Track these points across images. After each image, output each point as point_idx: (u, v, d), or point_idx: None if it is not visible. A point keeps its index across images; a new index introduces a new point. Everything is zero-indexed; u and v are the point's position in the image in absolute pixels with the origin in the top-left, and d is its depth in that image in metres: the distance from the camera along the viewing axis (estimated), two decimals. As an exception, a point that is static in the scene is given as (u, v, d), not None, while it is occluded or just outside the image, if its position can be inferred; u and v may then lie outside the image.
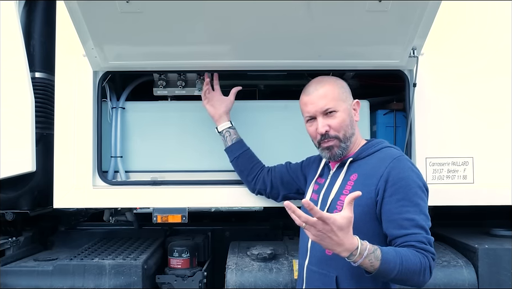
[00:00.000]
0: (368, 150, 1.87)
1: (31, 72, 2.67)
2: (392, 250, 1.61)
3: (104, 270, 2.52)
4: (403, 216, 1.66)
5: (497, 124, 2.58)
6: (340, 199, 1.78)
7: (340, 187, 1.83)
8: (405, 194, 1.69)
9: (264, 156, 2.66)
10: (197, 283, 2.75)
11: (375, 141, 1.93)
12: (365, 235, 1.68)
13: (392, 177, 1.71)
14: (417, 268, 1.59)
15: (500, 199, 2.56)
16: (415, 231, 1.64)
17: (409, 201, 1.68)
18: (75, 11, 2.04)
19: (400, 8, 2.03)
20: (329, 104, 1.85)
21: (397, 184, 1.70)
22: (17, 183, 2.68)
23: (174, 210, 2.60)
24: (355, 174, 1.82)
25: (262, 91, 3.15)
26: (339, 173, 1.88)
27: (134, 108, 2.72)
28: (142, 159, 2.69)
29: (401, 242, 1.65)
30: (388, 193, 1.70)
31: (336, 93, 1.89)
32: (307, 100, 1.92)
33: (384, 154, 1.83)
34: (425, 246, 1.63)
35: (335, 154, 1.87)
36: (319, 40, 2.25)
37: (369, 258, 1.55)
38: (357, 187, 1.77)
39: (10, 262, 2.73)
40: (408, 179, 1.72)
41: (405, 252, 1.61)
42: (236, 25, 2.15)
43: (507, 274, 2.50)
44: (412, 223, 1.65)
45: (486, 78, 2.60)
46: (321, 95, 1.87)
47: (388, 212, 1.69)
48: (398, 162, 1.76)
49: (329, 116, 1.86)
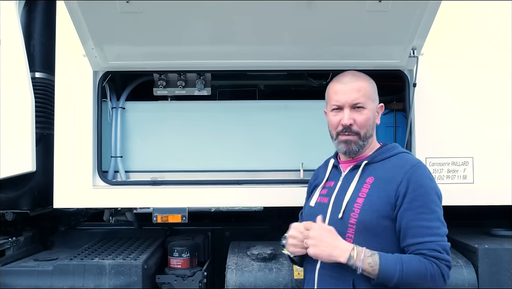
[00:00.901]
0: (384, 154, 1.85)
1: (31, 72, 2.68)
2: (394, 256, 1.63)
3: (104, 270, 2.52)
4: (420, 223, 1.67)
5: (497, 124, 2.59)
6: (357, 201, 1.75)
7: (355, 189, 1.79)
8: (424, 202, 1.69)
9: (264, 156, 2.67)
10: (197, 283, 2.75)
11: (390, 145, 1.91)
12: (381, 240, 1.69)
13: (412, 183, 1.71)
14: (422, 274, 1.60)
15: (500, 199, 2.57)
16: (429, 239, 1.65)
17: (427, 208, 1.69)
18: (75, 11, 2.04)
19: (400, 8, 2.03)
20: (360, 99, 1.81)
21: (417, 191, 1.70)
22: (17, 183, 2.68)
23: (174, 210, 2.60)
24: (371, 177, 1.79)
25: (262, 91, 3.15)
26: (353, 175, 1.84)
27: (134, 108, 2.72)
28: (142, 159, 2.69)
29: (414, 250, 1.65)
30: (408, 199, 1.70)
31: (369, 91, 1.86)
32: (339, 88, 1.84)
33: (401, 159, 1.81)
34: (437, 254, 1.64)
35: (351, 149, 1.85)
36: (319, 40, 2.26)
37: (368, 261, 1.58)
38: (374, 190, 1.75)
39: (10, 262, 2.73)
40: (427, 186, 1.72)
41: (408, 258, 1.62)
42: (236, 25, 2.15)
43: (507, 274, 2.50)
44: (427, 231, 1.66)
45: (486, 78, 2.60)
46: (355, 88, 1.82)
47: (406, 218, 1.69)
48: (418, 169, 1.75)
49: (356, 111, 1.82)
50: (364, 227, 1.70)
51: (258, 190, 2.58)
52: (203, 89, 2.69)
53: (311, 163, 2.63)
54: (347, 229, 1.72)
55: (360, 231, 1.70)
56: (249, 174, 2.64)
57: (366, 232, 1.70)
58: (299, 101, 2.76)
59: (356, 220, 1.71)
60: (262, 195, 2.56)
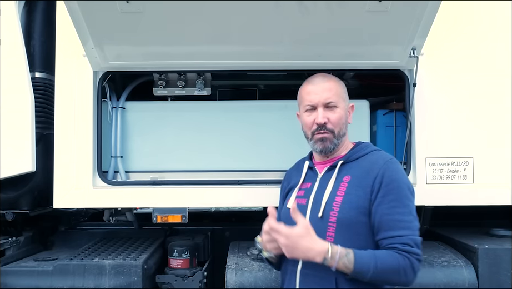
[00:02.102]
0: (358, 152, 1.90)
1: (31, 72, 2.68)
2: (368, 253, 1.68)
3: (104, 270, 2.52)
4: (393, 217, 1.72)
5: (497, 124, 2.58)
6: (336, 200, 1.79)
7: (333, 188, 1.83)
8: (396, 196, 1.75)
9: (264, 156, 2.67)
10: (197, 283, 2.75)
11: (364, 144, 1.97)
12: (361, 236, 1.74)
13: (386, 178, 1.76)
14: (395, 269, 1.65)
15: (499, 199, 2.57)
16: (401, 233, 1.69)
17: (400, 202, 1.74)
18: (75, 11, 2.04)
19: (400, 8, 2.03)
20: (332, 98, 1.89)
21: (390, 186, 1.75)
22: (17, 183, 2.68)
23: (174, 210, 2.60)
24: (347, 176, 1.84)
25: (262, 91, 3.15)
26: (330, 175, 1.89)
27: (134, 108, 2.72)
28: (142, 159, 2.69)
29: (387, 243, 1.70)
30: (381, 193, 1.75)
31: (340, 91, 1.93)
32: (311, 89, 1.92)
33: (375, 156, 1.87)
34: (409, 248, 1.67)
35: (327, 147, 1.90)
36: (319, 40, 2.26)
37: (343, 261, 1.64)
38: (351, 187, 1.80)
39: (10, 262, 2.73)
40: (400, 181, 1.78)
41: (383, 254, 1.68)
42: (236, 25, 2.15)
43: (507, 274, 2.50)
44: (400, 225, 1.71)
45: (486, 78, 2.60)
46: (326, 87, 1.90)
47: (380, 212, 1.74)
48: (391, 164, 1.81)
49: (329, 110, 1.89)
50: (344, 225, 1.75)
51: (258, 190, 2.58)
52: (203, 89, 2.69)
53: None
54: (327, 227, 1.77)
55: (340, 229, 1.75)
56: (249, 174, 2.64)
57: (346, 229, 1.75)
58: (299, 102, 2.76)
59: (336, 218, 1.76)
60: (262, 195, 2.56)
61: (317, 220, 1.79)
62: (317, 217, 1.79)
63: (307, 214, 1.84)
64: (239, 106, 2.75)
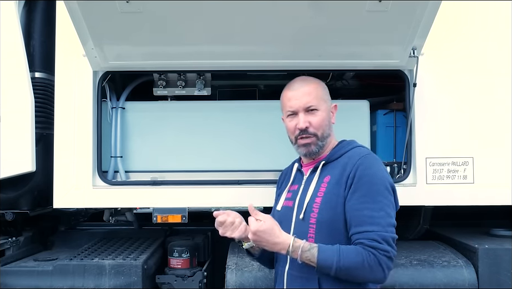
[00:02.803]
0: (339, 151, 1.91)
1: (31, 72, 2.68)
2: (333, 247, 1.69)
3: (104, 270, 2.52)
4: (362, 212, 1.71)
5: (497, 124, 2.58)
6: (316, 201, 1.81)
7: (314, 190, 1.85)
8: (367, 191, 1.74)
9: (264, 156, 2.67)
10: (197, 283, 2.75)
11: (346, 142, 1.96)
12: (342, 235, 1.75)
13: (358, 173, 1.76)
14: (359, 265, 1.65)
15: (500, 199, 2.56)
16: (369, 229, 1.68)
17: (370, 197, 1.73)
18: (75, 11, 2.04)
19: (400, 8, 2.03)
20: (312, 102, 1.89)
21: (361, 181, 1.75)
22: (17, 183, 2.67)
23: (174, 210, 2.60)
24: (328, 176, 1.85)
25: (262, 91, 3.15)
26: (313, 176, 1.90)
27: (134, 108, 2.72)
28: (142, 159, 2.69)
29: (355, 239, 1.70)
30: (352, 189, 1.75)
31: (320, 93, 1.93)
32: (291, 95, 1.93)
33: (353, 152, 1.87)
34: (376, 243, 1.65)
35: (312, 151, 1.90)
36: (319, 40, 2.26)
37: (306, 255, 1.68)
38: (330, 188, 1.81)
39: (10, 262, 2.73)
40: (373, 176, 1.76)
41: (347, 249, 1.68)
42: (236, 25, 2.15)
43: (507, 274, 2.50)
44: (368, 220, 1.70)
45: (486, 78, 2.60)
46: (306, 92, 1.90)
47: (350, 208, 1.74)
48: (365, 159, 1.80)
49: (310, 114, 1.89)
50: (323, 226, 1.77)
51: (258, 190, 2.58)
52: (203, 89, 2.69)
53: (311, 163, 2.63)
54: (308, 229, 1.79)
55: (320, 230, 1.77)
56: (249, 174, 2.64)
57: (325, 229, 1.77)
58: (299, 101, 2.75)
59: (316, 220, 1.78)
60: (262, 195, 2.55)
61: (300, 222, 1.82)
62: (299, 219, 1.83)
63: (293, 217, 1.87)
64: (239, 106, 2.75)
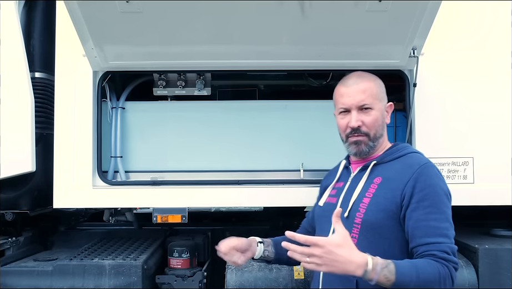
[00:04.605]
0: (393, 154, 1.84)
1: (31, 72, 2.67)
2: (408, 262, 1.58)
3: (104, 271, 2.52)
4: (429, 223, 1.63)
5: (497, 124, 2.58)
6: (363, 201, 1.74)
7: (362, 189, 1.78)
8: (432, 201, 1.66)
9: (264, 156, 2.67)
10: (197, 283, 2.75)
11: (401, 145, 1.90)
12: (387, 240, 1.67)
13: (420, 183, 1.68)
14: (436, 278, 1.55)
15: (500, 199, 2.56)
16: (439, 240, 1.61)
17: (436, 208, 1.66)
18: (75, 11, 2.04)
19: (400, 8, 2.03)
20: (366, 100, 1.80)
21: (425, 191, 1.67)
22: (17, 183, 2.67)
23: (174, 210, 2.60)
24: (378, 178, 1.78)
25: (262, 91, 3.15)
26: (361, 175, 1.83)
27: (134, 108, 2.72)
28: (142, 159, 2.69)
29: (424, 250, 1.61)
30: (415, 199, 1.66)
31: (375, 91, 1.84)
32: (345, 91, 1.84)
33: (410, 159, 1.79)
34: (447, 256, 1.59)
35: (362, 150, 1.83)
36: (319, 40, 2.26)
37: (383, 273, 1.50)
38: (381, 190, 1.74)
39: (10, 262, 2.72)
40: (436, 186, 1.69)
41: (422, 263, 1.57)
42: (236, 25, 2.15)
43: (507, 274, 2.50)
44: (437, 232, 1.63)
45: (486, 78, 2.60)
46: (361, 89, 1.81)
47: (415, 219, 1.66)
48: (426, 168, 1.73)
49: (363, 112, 1.81)
50: (368, 227, 1.70)
51: (258, 190, 2.58)
52: (203, 89, 2.69)
53: (311, 163, 2.63)
54: (352, 228, 1.71)
55: (364, 231, 1.70)
56: (249, 174, 2.64)
57: (370, 231, 1.69)
58: (299, 102, 2.76)
59: (361, 220, 1.71)
60: (262, 195, 2.56)
61: (343, 220, 1.68)
62: (343, 217, 1.71)
63: None
64: (239, 106, 2.75)
